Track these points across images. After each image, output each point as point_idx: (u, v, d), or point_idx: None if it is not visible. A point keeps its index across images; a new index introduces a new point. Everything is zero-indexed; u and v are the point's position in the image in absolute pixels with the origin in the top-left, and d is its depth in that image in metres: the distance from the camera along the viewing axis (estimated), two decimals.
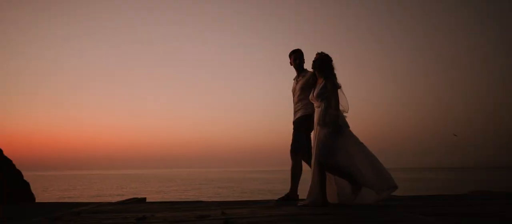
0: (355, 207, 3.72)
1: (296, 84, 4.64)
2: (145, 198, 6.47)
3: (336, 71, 4.11)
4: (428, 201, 4.26)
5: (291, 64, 4.70)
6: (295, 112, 4.61)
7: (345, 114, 4.07)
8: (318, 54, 4.15)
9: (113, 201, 5.44)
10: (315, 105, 4.18)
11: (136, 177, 74.37)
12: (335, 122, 3.92)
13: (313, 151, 4.06)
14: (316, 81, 4.22)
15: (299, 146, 4.42)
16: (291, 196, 4.51)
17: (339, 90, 4.03)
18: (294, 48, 4.68)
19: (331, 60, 4.12)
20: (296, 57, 4.64)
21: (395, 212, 3.18)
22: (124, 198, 6.88)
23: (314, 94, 4.12)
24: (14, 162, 5.84)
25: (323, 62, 4.10)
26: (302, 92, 4.49)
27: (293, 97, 4.67)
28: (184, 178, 63.20)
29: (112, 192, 27.40)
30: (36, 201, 5.78)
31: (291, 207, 3.87)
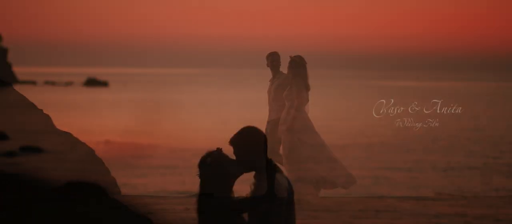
0: (370, 204, 3.91)
1: (272, 85, 4.90)
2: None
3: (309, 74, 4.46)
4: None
5: (268, 66, 4.93)
6: (269, 113, 4.87)
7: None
8: (290, 57, 4.53)
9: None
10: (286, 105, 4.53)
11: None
12: (289, 121, 4.27)
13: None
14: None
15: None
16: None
17: (304, 93, 4.36)
18: (271, 51, 4.89)
19: (303, 62, 4.45)
20: (273, 59, 4.89)
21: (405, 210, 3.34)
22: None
23: (283, 95, 4.51)
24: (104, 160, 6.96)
25: (293, 64, 4.47)
26: (277, 93, 4.75)
27: (268, 98, 4.94)
28: None
29: None
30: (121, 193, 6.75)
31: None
